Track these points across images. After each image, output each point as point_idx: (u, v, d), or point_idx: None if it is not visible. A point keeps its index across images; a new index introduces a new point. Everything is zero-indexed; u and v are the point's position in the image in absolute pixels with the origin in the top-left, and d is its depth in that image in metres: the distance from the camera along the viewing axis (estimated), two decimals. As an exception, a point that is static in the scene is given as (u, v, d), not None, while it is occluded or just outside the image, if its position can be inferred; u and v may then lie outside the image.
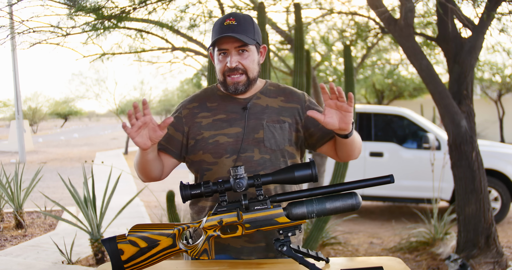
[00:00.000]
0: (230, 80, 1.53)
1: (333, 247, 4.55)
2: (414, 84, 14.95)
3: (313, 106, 1.63)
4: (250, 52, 1.53)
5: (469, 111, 3.70)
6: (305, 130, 1.60)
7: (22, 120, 13.91)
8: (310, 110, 1.38)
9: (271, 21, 5.03)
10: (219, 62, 1.54)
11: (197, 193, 1.32)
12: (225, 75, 1.53)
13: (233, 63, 1.50)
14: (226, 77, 1.53)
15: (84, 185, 3.98)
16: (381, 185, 1.32)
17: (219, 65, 1.54)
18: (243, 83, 1.53)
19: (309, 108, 1.61)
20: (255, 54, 1.55)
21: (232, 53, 1.50)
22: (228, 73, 1.52)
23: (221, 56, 1.53)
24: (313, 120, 1.58)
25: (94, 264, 3.98)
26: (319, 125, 1.58)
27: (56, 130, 39.20)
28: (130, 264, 1.30)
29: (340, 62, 7.96)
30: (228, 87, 1.54)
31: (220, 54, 1.53)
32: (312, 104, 1.63)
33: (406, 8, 3.45)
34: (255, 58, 1.55)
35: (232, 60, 1.50)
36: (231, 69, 1.51)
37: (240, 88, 1.53)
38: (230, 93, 1.56)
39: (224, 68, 1.52)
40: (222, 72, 1.53)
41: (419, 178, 5.78)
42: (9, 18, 3.57)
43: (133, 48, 5.26)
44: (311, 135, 1.60)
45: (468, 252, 3.67)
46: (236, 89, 1.54)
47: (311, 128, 1.59)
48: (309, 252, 1.37)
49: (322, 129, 1.58)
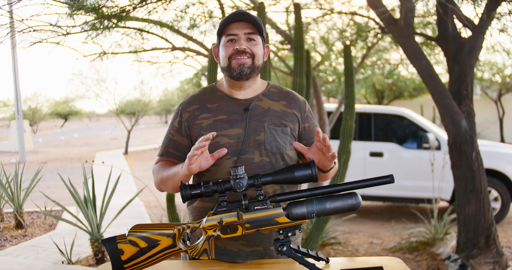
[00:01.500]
0: (235, 62, 1.51)
1: (333, 247, 4.55)
2: (414, 84, 14.94)
3: (310, 119, 1.64)
4: (258, 42, 1.54)
5: (469, 111, 3.70)
6: (299, 140, 1.62)
7: (22, 120, 13.90)
8: (296, 143, 1.42)
9: (271, 21, 5.02)
10: (226, 48, 1.52)
11: (197, 193, 1.32)
12: (231, 59, 1.51)
13: (242, 46, 1.50)
14: (231, 61, 1.51)
15: (84, 185, 3.98)
16: (381, 185, 1.32)
17: (226, 50, 1.52)
18: (249, 65, 1.51)
19: (306, 120, 1.63)
20: (261, 46, 1.56)
21: (241, 38, 1.51)
22: (235, 56, 1.51)
23: (229, 42, 1.52)
24: (307, 132, 1.62)
25: (94, 264, 3.97)
26: (310, 139, 1.61)
27: (56, 130, 39.19)
28: (130, 264, 1.30)
29: (340, 62, 7.95)
30: (232, 70, 1.51)
31: (228, 40, 1.52)
32: (309, 117, 1.64)
33: (406, 8, 3.44)
34: (261, 49, 1.56)
35: (241, 43, 1.50)
36: (239, 51, 1.50)
37: (245, 70, 1.51)
38: (234, 78, 1.53)
39: (232, 51, 1.51)
40: (228, 56, 1.52)
41: (419, 178, 5.78)
42: (9, 16, 3.57)
43: (133, 48, 5.25)
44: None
45: (468, 252, 3.67)
46: (241, 71, 1.51)
47: (304, 140, 1.62)
48: (309, 252, 1.37)
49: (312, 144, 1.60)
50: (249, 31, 1.51)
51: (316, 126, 1.65)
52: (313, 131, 1.63)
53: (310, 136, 1.62)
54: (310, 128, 1.63)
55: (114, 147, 19.25)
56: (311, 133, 1.63)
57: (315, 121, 1.67)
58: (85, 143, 22.32)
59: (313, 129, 1.63)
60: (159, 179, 1.56)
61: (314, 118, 1.68)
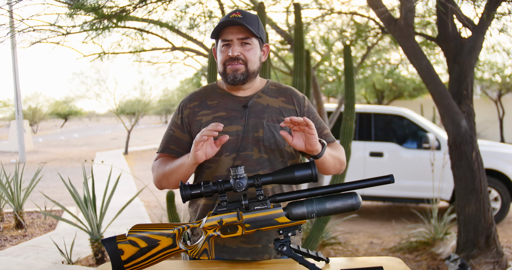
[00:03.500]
0: (229, 68, 1.53)
1: (333, 247, 4.55)
2: (414, 84, 14.96)
3: (310, 113, 1.63)
4: (253, 46, 1.54)
5: (469, 111, 3.70)
6: None
7: (22, 120, 13.90)
8: (282, 131, 1.40)
9: (271, 21, 5.02)
10: (221, 53, 1.54)
11: (197, 193, 1.32)
12: (225, 65, 1.53)
13: (234, 52, 1.51)
14: (226, 67, 1.53)
15: (84, 185, 3.98)
16: (381, 185, 1.32)
17: (221, 56, 1.54)
18: (242, 72, 1.52)
19: (306, 114, 1.62)
20: (257, 49, 1.56)
21: (235, 44, 1.52)
22: (229, 62, 1.52)
23: (224, 47, 1.54)
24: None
25: (94, 264, 3.97)
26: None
27: (56, 130, 39.19)
28: (130, 264, 1.30)
29: (340, 62, 7.96)
30: (227, 76, 1.54)
31: (223, 45, 1.54)
32: (310, 112, 1.64)
33: (406, 8, 3.45)
34: (257, 53, 1.56)
35: (234, 49, 1.51)
36: (232, 58, 1.51)
37: (238, 76, 1.52)
38: (229, 84, 1.55)
39: (225, 57, 1.53)
40: (223, 62, 1.54)
41: (419, 178, 5.78)
42: (9, 16, 3.57)
43: (133, 48, 5.25)
44: None
45: (468, 252, 3.67)
46: (235, 78, 1.52)
47: None
48: (309, 252, 1.37)
49: None
50: (243, 36, 1.52)
51: (318, 119, 1.64)
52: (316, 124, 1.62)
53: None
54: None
55: (114, 147, 19.24)
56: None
57: (317, 114, 1.66)
58: (85, 143, 22.32)
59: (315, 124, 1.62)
60: (160, 174, 1.55)
61: (316, 112, 1.67)
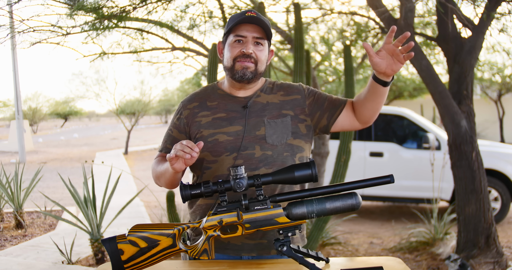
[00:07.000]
0: (239, 65, 1.52)
1: (333, 247, 4.55)
2: (414, 84, 14.94)
3: (312, 93, 1.63)
4: (264, 47, 1.55)
5: (469, 111, 3.70)
6: (312, 117, 1.60)
7: (22, 120, 13.90)
8: (365, 43, 1.36)
9: (271, 21, 5.03)
10: (233, 48, 1.53)
11: (197, 193, 1.32)
12: (235, 61, 1.53)
13: (249, 49, 1.51)
14: (236, 63, 1.53)
15: (84, 185, 3.98)
16: (381, 185, 1.32)
17: (232, 51, 1.53)
18: (251, 70, 1.52)
19: (311, 93, 1.62)
20: (267, 51, 1.57)
21: (249, 41, 1.52)
22: (240, 59, 1.52)
23: (236, 43, 1.53)
24: (317, 102, 1.60)
25: (94, 264, 3.97)
26: (324, 105, 1.59)
27: (56, 130, 39.19)
28: (130, 264, 1.30)
29: (340, 62, 7.95)
30: (236, 72, 1.53)
31: (235, 41, 1.53)
32: (311, 92, 1.63)
33: (406, 8, 3.45)
34: (266, 55, 1.57)
35: (248, 47, 1.51)
36: (245, 54, 1.51)
37: (247, 74, 1.52)
38: (236, 80, 1.55)
39: (237, 53, 1.52)
40: (234, 57, 1.53)
41: (419, 178, 5.77)
42: (9, 17, 3.57)
43: (133, 48, 5.25)
44: (320, 117, 1.60)
45: (468, 252, 3.67)
46: (244, 75, 1.52)
47: (318, 111, 1.60)
48: (309, 252, 1.37)
49: (329, 107, 1.59)
50: (258, 36, 1.52)
51: (322, 92, 1.64)
52: (322, 98, 1.61)
53: (322, 106, 1.60)
54: (317, 98, 1.61)
55: (114, 147, 19.25)
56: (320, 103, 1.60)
57: (319, 91, 1.65)
58: (85, 143, 22.32)
59: (321, 97, 1.61)
60: (154, 174, 1.59)
61: (318, 90, 1.66)
